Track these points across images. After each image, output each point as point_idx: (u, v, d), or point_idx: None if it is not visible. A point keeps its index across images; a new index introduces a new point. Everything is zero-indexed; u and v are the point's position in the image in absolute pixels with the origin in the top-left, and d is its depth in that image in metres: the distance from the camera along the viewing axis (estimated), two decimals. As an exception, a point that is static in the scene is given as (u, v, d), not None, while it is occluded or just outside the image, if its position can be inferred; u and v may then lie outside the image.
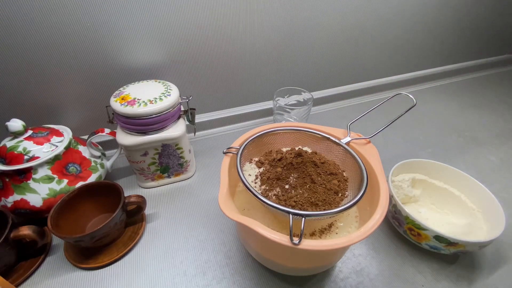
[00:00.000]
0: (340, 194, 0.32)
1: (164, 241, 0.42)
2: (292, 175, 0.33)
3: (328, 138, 0.37)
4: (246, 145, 0.36)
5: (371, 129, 0.38)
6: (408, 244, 0.41)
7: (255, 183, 0.34)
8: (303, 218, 0.26)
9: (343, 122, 0.68)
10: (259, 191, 0.32)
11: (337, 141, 0.37)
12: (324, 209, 0.29)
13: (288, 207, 0.28)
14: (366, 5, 0.64)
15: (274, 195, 0.32)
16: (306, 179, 0.33)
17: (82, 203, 0.41)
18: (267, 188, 0.32)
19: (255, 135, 0.37)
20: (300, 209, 0.29)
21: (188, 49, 0.54)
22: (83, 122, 0.54)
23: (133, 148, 0.44)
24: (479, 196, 0.41)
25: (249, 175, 0.35)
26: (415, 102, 0.36)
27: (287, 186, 0.32)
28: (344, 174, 0.35)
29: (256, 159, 0.37)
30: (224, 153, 0.35)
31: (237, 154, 0.34)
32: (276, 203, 0.28)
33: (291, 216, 0.26)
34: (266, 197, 0.30)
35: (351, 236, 0.25)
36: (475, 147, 0.60)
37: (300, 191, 0.32)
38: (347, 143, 0.36)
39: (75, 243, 0.38)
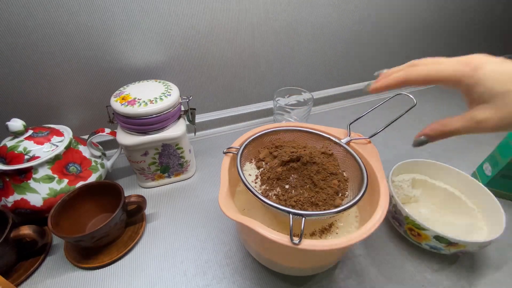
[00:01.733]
0: (340, 194, 0.32)
1: (164, 241, 0.42)
2: (292, 175, 0.33)
3: (329, 138, 0.37)
4: (246, 145, 0.36)
5: (371, 129, 0.38)
6: (408, 244, 0.41)
7: (255, 183, 0.34)
8: (303, 218, 0.26)
9: (343, 122, 0.68)
10: (259, 191, 0.32)
11: (337, 141, 0.37)
12: (324, 209, 0.29)
13: (288, 207, 0.28)
14: (366, 5, 0.64)
15: (274, 195, 0.32)
16: (306, 179, 0.33)
17: (82, 203, 0.41)
18: (267, 188, 0.32)
19: (255, 135, 0.37)
20: (301, 209, 0.29)
21: (188, 49, 0.54)
22: (83, 122, 0.54)
23: (133, 148, 0.44)
24: (479, 196, 0.41)
25: (249, 175, 0.35)
26: (415, 102, 0.36)
27: (287, 186, 0.32)
28: (344, 174, 0.34)
29: (256, 159, 0.37)
30: (224, 153, 0.35)
31: (237, 154, 0.34)
32: (276, 203, 0.28)
33: (291, 216, 0.26)
34: (266, 197, 0.30)
35: (351, 236, 0.25)
36: (475, 147, 0.60)
37: (301, 191, 0.32)
38: (347, 143, 0.36)
39: (75, 242, 0.38)
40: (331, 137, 0.37)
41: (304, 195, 0.31)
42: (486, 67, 0.24)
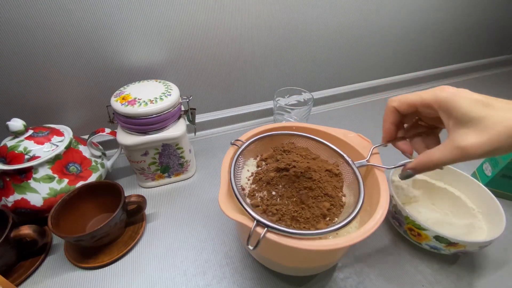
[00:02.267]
0: (328, 219, 0.30)
1: (164, 241, 0.42)
2: (283, 184, 0.32)
3: (342, 157, 0.35)
4: (253, 141, 0.35)
5: (371, 128, 0.38)
6: (408, 244, 0.41)
7: (249, 180, 0.34)
8: (265, 228, 0.25)
9: (343, 122, 0.68)
10: (249, 189, 0.33)
11: (350, 162, 0.34)
12: (304, 228, 0.28)
13: (268, 213, 0.28)
14: (367, 5, 0.64)
15: (260, 197, 0.31)
16: (294, 192, 0.31)
17: (82, 202, 0.41)
18: (256, 188, 0.32)
19: (267, 134, 0.37)
20: (280, 219, 0.29)
21: (188, 49, 0.54)
22: (83, 122, 0.54)
23: (134, 148, 0.44)
24: (479, 196, 0.41)
25: (248, 170, 0.35)
26: None
27: (273, 193, 0.31)
28: (343, 199, 0.32)
29: (260, 157, 0.36)
30: (232, 144, 0.35)
31: (239, 147, 0.34)
32: (258, 205, 0.28)
33: (255, 222, 0.26)
34: (252, 196, 0.31)
35: (351, 236, 0.25)
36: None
37: (286, 202, 0.31)
38: (362, 166, 0.34)
39: (75, 242, 0.38)
40: (345, 156, 0.34)
41: (288, 206, 0.30)
42: (461, 94, 0.25)
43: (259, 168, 0.35)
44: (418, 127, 0.32)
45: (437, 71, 0.87)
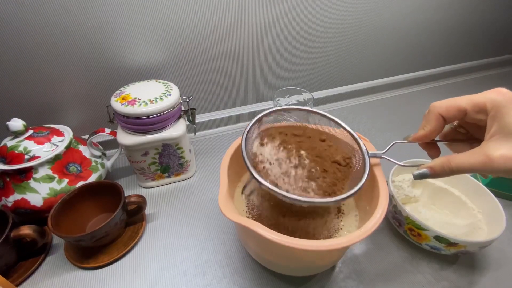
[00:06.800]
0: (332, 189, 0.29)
1: (164, 241, 0.42)
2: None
3: (358, 143, 0.33)
4: (272, 111, 0.36)
5: (370, 128, 0.38)
6: (408, 244, 0.41)
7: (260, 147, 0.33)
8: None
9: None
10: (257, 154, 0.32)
11: (364, 149, 0.32)
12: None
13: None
14: (366, 5, 0.64)
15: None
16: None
17: (82, 202, 0.41)
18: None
19: (285, 107, 0.38)
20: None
21: (188, 49, 0.54)
22: (83, 122, 0.54)
23: (134, 148, 0.44)
24: (479, 196, 0.41)
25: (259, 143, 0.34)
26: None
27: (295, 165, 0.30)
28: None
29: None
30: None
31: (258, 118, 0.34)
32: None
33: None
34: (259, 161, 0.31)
35: (351, 236, 0.25)
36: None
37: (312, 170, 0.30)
38: (374, 156, 0.32)
39: (75, 242, 0.38)
40: (361, 144, 0.32)
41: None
42: None
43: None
44: (456, 134, 0.30)
45: (437, 71, 0.87)
